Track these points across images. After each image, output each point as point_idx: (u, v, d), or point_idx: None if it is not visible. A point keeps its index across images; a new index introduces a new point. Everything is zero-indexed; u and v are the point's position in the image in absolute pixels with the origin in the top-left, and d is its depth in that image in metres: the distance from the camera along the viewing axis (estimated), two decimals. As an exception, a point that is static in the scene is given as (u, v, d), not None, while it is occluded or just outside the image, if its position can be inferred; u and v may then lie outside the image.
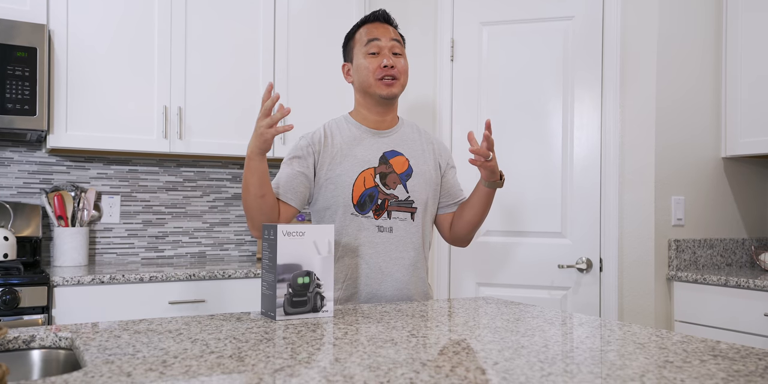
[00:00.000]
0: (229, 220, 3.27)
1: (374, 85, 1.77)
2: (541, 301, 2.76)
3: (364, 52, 1.78)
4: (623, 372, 0.95)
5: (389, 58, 1.75)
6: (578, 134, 2.76)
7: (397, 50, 1.79)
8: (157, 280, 2.48)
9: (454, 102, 2.93)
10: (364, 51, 1.78)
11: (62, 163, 2.93)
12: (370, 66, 1.76)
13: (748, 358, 1.06)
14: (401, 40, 1.84)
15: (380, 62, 1.75)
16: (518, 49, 2.86)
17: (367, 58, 1.77)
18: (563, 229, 2.77)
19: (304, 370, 0.95)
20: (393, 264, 1.76)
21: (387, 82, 1.76)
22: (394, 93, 1.78)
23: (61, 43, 2.60)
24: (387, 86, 1.76)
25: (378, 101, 1.80)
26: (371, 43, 1.77)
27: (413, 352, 1.08)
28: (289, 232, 1.38)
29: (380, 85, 1.76)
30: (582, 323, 1.39)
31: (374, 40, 1.77)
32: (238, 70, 2.94)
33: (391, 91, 1.77)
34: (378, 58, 1.76)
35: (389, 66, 1.74)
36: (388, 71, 1.75)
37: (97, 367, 0.95)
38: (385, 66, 1.74)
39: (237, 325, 1.31)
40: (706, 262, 2.83)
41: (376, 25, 1.81)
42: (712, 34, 2.90)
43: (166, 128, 2.77)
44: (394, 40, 1.79)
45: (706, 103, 2.87)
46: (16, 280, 2.24)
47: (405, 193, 1.78)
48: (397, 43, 1.80)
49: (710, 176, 2.88)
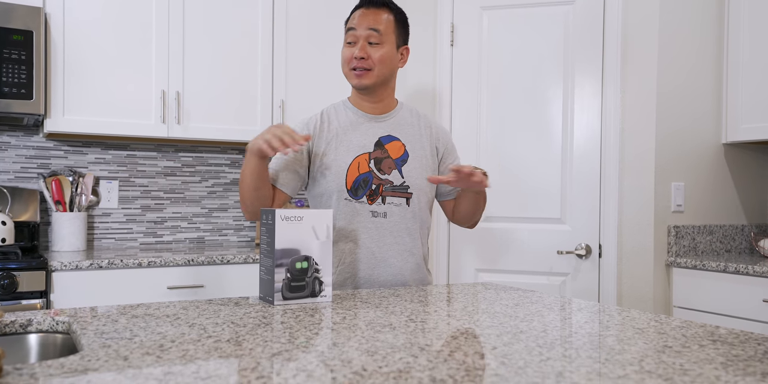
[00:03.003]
0: (227, 206, 3.27)
1: (348, 75, 1.78)
2: (540, 286, 2.76)
3: (345, 40, 1.78)
4: (622, 357, 0.95)
5: (361, 48, 1.73)
6: (578, 119, 2.75)
7: (373, 40, 1.73)
8: (156, 265, 2.48)
9: (454, 87, 2.91)
10: (345, 39, 1.78)
11: (60, 147, 2.92)
12: (344, 56, 1.77)
13: (747, 343, 1.05)
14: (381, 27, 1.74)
15: (353, 52, 1.74)
16: (519, 34, 2.84)
17: (344, 48, 1.78)
18: (563, 215, 2.76)
19: (301, 354, 0.95)
20: (387, 249, 1.75)
21: (357, 74, 1.74)
22: (364, 84, 1.75)
23: (57, 26, 2.58)
24: (357, 77, 1.75)
25: (358, 90, 1.80)
26: (349, 33, 1.76)
27: (411, 336, 1.07)
28: (288, 216, 1.37)
29: (351, 75, 1.76)
30: (581, 308, 1.38)
31: (351, 30, 1.76)
32: (237, 54, 2.92)
33: (360, 82, 1.75)
34: (352, 47, 1.75)
35: (358, 57, 1.73)
36: (358, 63, 1.73)
37: (94, 351, 0.95)
38: (355, 57, 1.73)
39: (235, 309, 1.31)
40: (706, 248, 2.83)
41: (360, 12, 1.77)
42: (714, 19, 2.88)
43: (164, 113, 2.75)
44: (371, 30, 1.73)
45: (707, 89, 2.86)
46: (14, 265, 2.24)
47: (400, 178, 1.77)
48: (374, 32, 1.73)
49: (710, 162, 2.87)
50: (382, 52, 1.75)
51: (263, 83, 2.96)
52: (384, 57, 1.75)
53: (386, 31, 1.75)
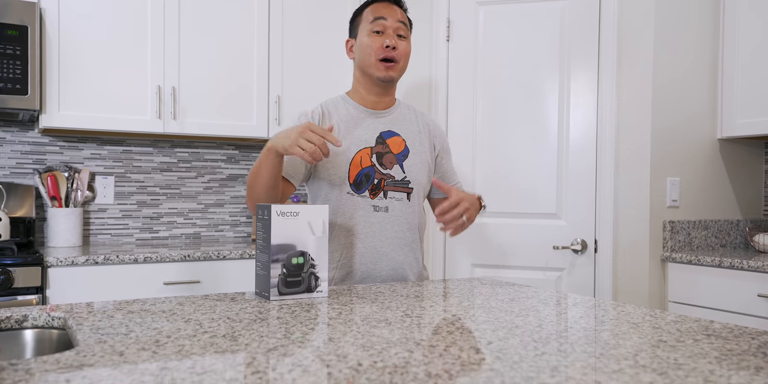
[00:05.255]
0: (223, 201, 3.26)
1: (373, 66, 1.75)
2: (535, 282, 2.77)
3: (369, 29, 1.75)
4: (617, 351, 0.95)
5: (392, 38, 1.73)
6: (574, 114, 2.75)
7: (401, 32, 1.76)
8: (152, 260, 2.48)
9: (450, 82, 2.91)
10: (369, 28, 1.75)
11: (55, 143, 2.91)
12: (372, 44, 1.74)
13: (741, 337, 1.06)
14: (408, 23, 1.81)
15: (383, 42, 1.72)
16: (515, 29, 2.83)
17: (370, 36, 1.75)
18: (558, 210, 2.76)
19: (297, 349, 0.95)
20: (388, 244, 1.76)
21: (387, 65, 1.74)
22: (391, 76, 1.76)
23: (52, 21, 2.57)
24: (386, 69, 1.74)
25: (375, 82, 1.78)
26: (377, 21, 1.74)
27: (407, 331, 1.07)
28: (283, 212, 1.37)
29: (379, 66, 1.74)
30: (576, 303, 1.39)
31: (380, 19, 1.74)
32: (233, 50, 2.91)
33: (388, 74, 1.75)
34: (381, 37, 1.74)
35: (391, 46, 1.72)
36: (389, 52, 1.73)
37: (90, 346, 0.95)
38: (387, 46, 1.72)
39: (231, 305, 1.31)
40: (701, 243, 2.84)
41: (385, 4, 1.78)
42: (710, 14, 2.88)
43: (160, 108, 2.75)
44: (401, 22, 1.77)
45: (702, 84, 2.86)
46: (9, 261, 2.24)
47: (401, 173, 1.78)
48: (402, 25, 1.77)
49: (706, 157, 2.88)
50: (408, 47, 1.79)
51: (259, 78, 2.96)
52: (408, 51, 1.79)
53: (408, 28, 1.81)
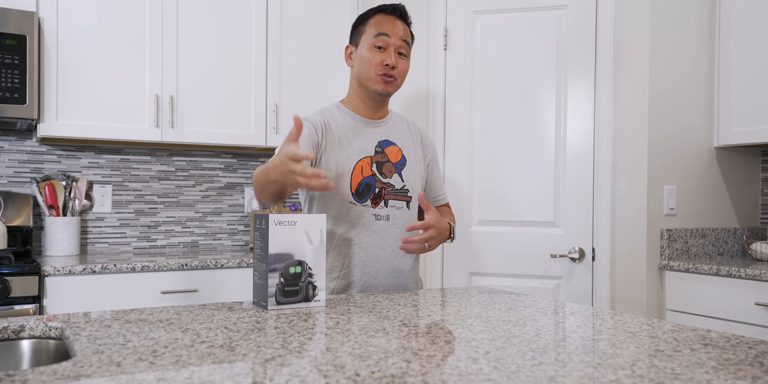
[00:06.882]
0: (221, 210, 3.26)
1: (372, 79, 1.76)
2: (533, 290, 2.77)
3: (371, 43, 1.76)
4: (614, 361, 0.95)
5: (392, 57, 1.74)
6: (571, 123, 2.76)
7: (403, 51, 1.78)
8: (149, 269, 2.48)
9: (447, 91, 2.91)
10: (371, 42, 1.76)
11: (53, 152, 2.91)
12: (373, 59, 1.75)
13: (738, 346, 1.06)
14: (410, 40, 1.82)
15: (384, 59, 1.74)
16: (512, 38, 2.85)
17: (371, 51, 1.76)
18: (556, 218, 2.77)
19: (295, 359, 0.95)
20: (390, 252, 1.77)
21: (386, 79, 1.75)
22: (388, 91, 1.78)
23: (51, 30, 2.58)
24: (384, 83, 1.76)
25: (371, 95, 1.79)
26: (380, 37, 1.75)
27: (405, 341, 1.07)
28: (281, 221, 1.37)
29: (378, 80, 1.75)
30: (574, 312, 1.39)
31: (384, 35, 1.75)
32: (231, 58, 2.92)
33: (386, 88, 1.77)
34: (383, 53, 1.75)
35: (391, 65, 1.74)
36: (389, 71, 1.75)
37: (87, 356, 0.94)
38: (387, 65, 1.74)
39: (228, 314, 1.31)
40: (698, 252, 2.84)
41: (390, 18, 1.78)
42: (706, 23, 2.90)
43: (157, 117, 2.75)
44: (403, 41, 1.78)
45: (699, 93, 2.87)
46: (7, 270, 2.23)
47: (401, 181, 1.79)
48: (404, 43, 1.78)
49: (703, 166, 2.88)
50: (407, 65, 1.81)
51: (257, 87, 2.97)
52: (406, 69, 1.81)
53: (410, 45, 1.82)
